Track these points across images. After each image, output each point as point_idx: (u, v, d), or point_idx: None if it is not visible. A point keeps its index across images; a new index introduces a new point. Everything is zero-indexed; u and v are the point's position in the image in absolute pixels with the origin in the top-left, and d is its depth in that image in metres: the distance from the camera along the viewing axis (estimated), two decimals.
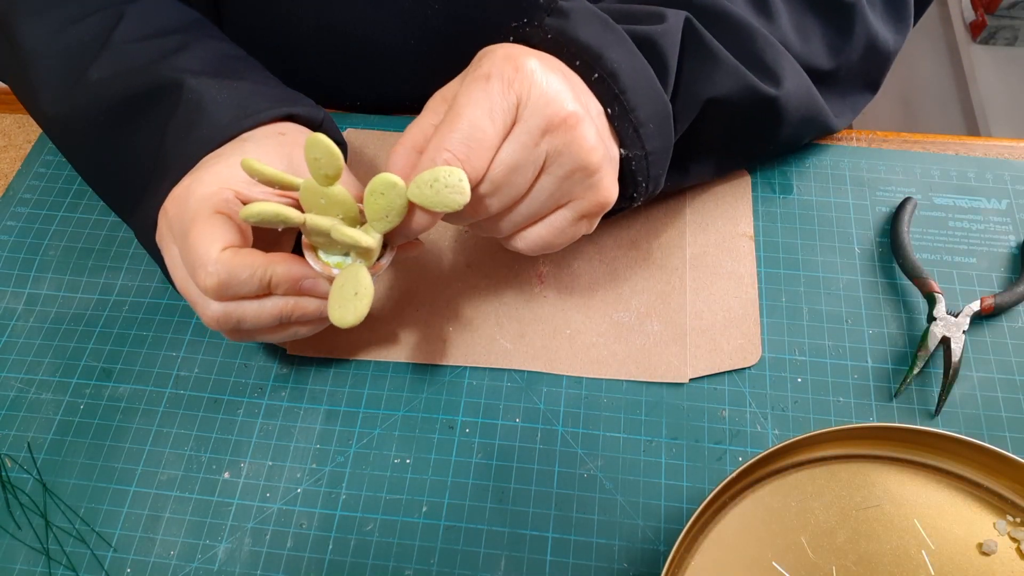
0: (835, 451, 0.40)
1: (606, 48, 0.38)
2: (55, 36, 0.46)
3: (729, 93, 0.43)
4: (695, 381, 0.46)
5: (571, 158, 0.36)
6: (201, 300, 0.38)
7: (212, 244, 0.36)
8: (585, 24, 0.39)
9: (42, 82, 0.46)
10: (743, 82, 0.43)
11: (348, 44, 0.52)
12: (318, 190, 0.36)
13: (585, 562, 0.41)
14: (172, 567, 0.41)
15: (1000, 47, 1.47)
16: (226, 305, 0.38)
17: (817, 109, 0.49)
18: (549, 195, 0.38)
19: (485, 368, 0.46)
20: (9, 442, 0.45)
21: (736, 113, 0.45)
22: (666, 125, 0.40)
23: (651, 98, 0.39)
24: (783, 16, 0.46)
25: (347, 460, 0.44)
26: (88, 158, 0.48)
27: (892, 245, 0.49)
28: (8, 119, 0.59)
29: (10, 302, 0.49)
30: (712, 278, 0.49)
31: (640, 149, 0.40)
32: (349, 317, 0.36)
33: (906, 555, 0.37)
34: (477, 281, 0.49)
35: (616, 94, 0.38)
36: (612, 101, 0.38)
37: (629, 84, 0.38)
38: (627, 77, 0.38)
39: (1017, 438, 0.44)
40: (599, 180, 0.38)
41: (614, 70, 0.38)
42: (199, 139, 0.41)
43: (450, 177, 0.34)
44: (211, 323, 0.39)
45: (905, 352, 0.46)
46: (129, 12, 0.47)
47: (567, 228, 0.39)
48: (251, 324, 0.39)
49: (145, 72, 0.44)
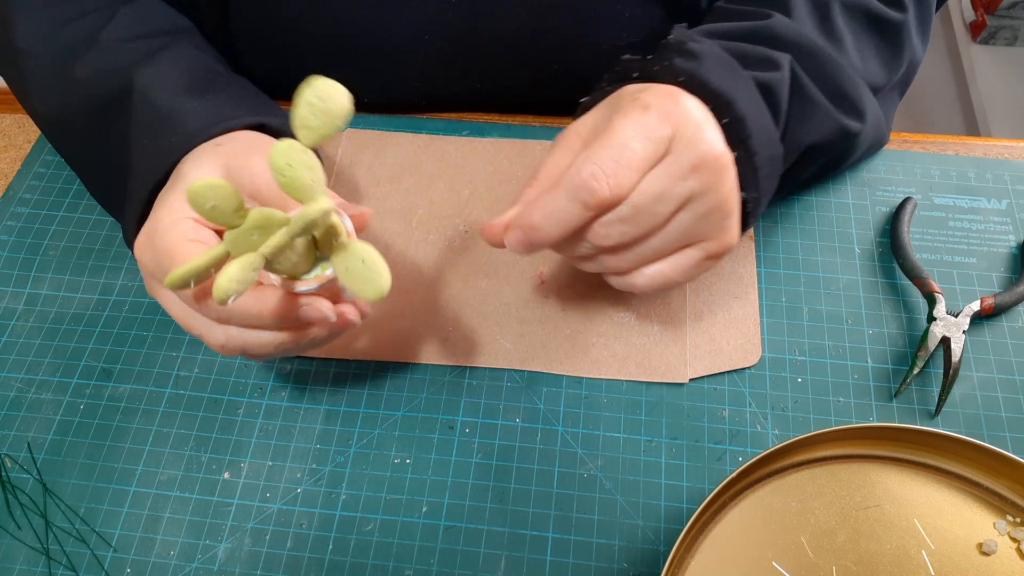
0: (835, 451, 0.40)
1: (735, 93, 0.39)
2: (49, 35, 0.46)
3: (824, 138, 0.44)
4: (695, 381, 0.46)
5: (714, 198, 0.37)
6: (207, 330, 0.37)
7: None
8: (716, 68, 0.39)
9: (34, 80, 0.46)
10: (836, 124, 0.44)
11: (357, 43, 0.52)
12: (242, 233, 0.32)
13: (585, 562, 0.41)
14: (172, 567, 0.41)
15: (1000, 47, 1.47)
16: (228, 331, 0.37)
17: (882, 132, 0.50)
18: (682, 232, 0.38)
19: (485, 368, 0.46)
20: (9, 442, 0.45)
21: (824, 152, 0.45)
22: (777, 169, 0.41)
23: (769, 143, 0.40)
24: (847, 39, 0.47)
25: (347, 460, 0.44)
26: (78, 156, 0.48)
27: (892, 245, 0.49)
28: (8, 119, 0.59)
29: (10, 302, 0.49)
30: (712, 278, 0.49)
31: (756, 191, 0.40)
32: (379, 282, 0.33)
33: (906, 555, 0.37)
34: (477, 281, 0.49)
35: (743, 139, 0.38)
36: (739, 145, 0.39)
37: (754, 129, 0.39)
38: (752, 123, 0.39)
39: (1017, 438, 0.44)
40: (733, 223, 0.38)
41: (743, 115, 0.38)
42: (167, 148, 0.40)
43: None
44: (218, 350, 0.37)
45: (905, 352, 0.46)
46: (121, 12, 0.47)
47: (692, 267, 0.39)
48: (256, 353, 0.37)
49: (120, 74, 0.44)
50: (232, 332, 0.36)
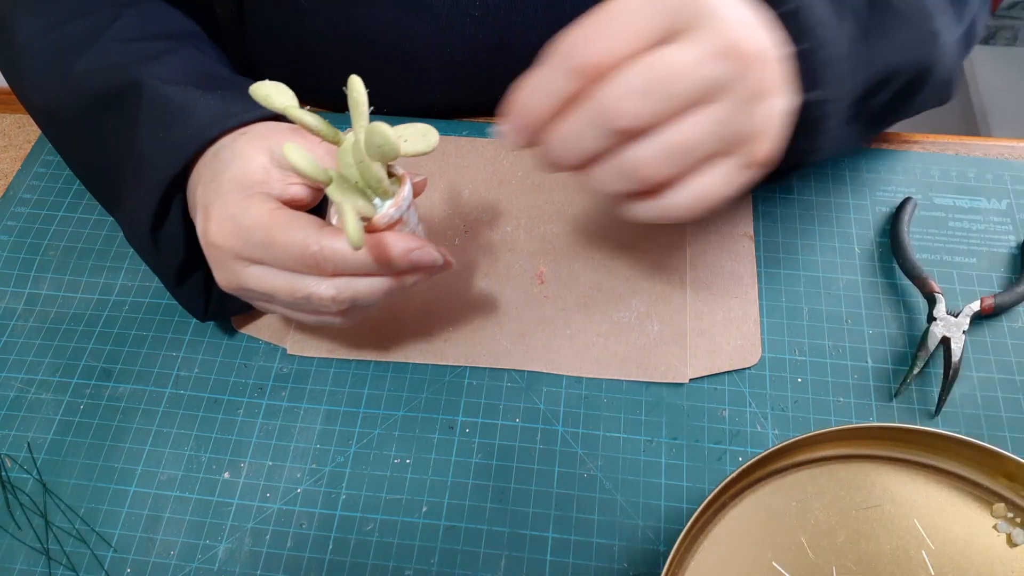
0: (835, 451, 0.40)
1: None
2: (47, 31, 0.46)
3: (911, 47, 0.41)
4: (695, 381, 0.46)
5: (749, 89, 0.32)
6: (315, 286, 0.37)
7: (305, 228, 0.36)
8: None
9: (30, 72, 0.46)
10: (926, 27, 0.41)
11: (379, 53, 0.52)
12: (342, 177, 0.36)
13: (585, 562, 0.41)
14: (172, 567, 0.41)
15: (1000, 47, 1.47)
16: (337, 283, 0.37)
17: (954, 71, 0.47)
18: (713, 130, 0.32)
19: (485, 368, 0.46)
20: (9, 442, 0.45)
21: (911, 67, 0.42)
22: (847, 73, 0.37)
23: (835, 39, 0.36)
24: None
25: (347, 460, 0.44)
26: (72, 148, 0.49)
27: (892, 245, 0.49)
28: (8, 119, 0.59)
29: (10, 302, 0.49)
30: (712, 278, 0.49)
31: (821, 91, 0.36)
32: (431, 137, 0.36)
33: (906, 555, 0.37)
34: (477, 281, 0.49)
35: (805, 29, 0.35)
36: (801, 37, 0.35)
37: (816, 21, 0.35)
38: (813, 14, 0.35)
39: (1017, 438, 0.44)
40: (775, 125, 0.33)
41: (801, 4, 0.35)
42: (182, 140, 0.41)
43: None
44: (328, 303, 0.38)
45: (905, 352, 0.46)
46: (125, 15, 0.47)
47: (730, 180, 0.34)
48: (365, 299, 0.38)
49: (120, 71, 0.44)
50: (341, 283, 0.37)
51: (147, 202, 0.41)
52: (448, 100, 0.41)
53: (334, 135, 0.36)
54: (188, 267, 0.44)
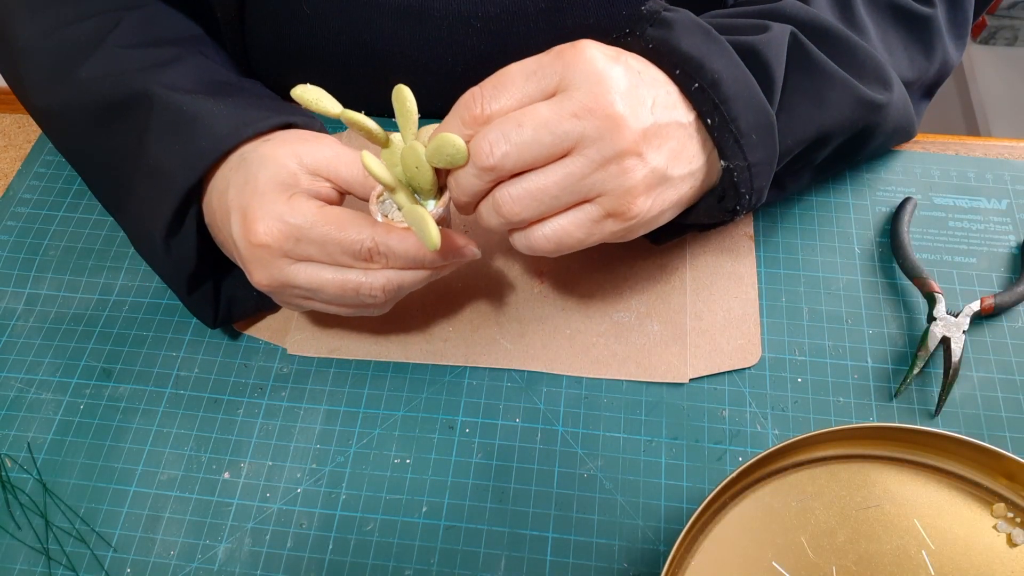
0: (835, 451, 0.40)
1: (707, 58, 0.38)
2: (48, 35, 0.46)
3: (843, 113, 0.42)
4: (695, 381, 0.46)
5: (608, 149, 0.35)
6: (365, 279, 0.39)
7: (360, 225, 0.38)
8: (687, 34, 0.38)
9: (31, 76, 0.46)
10: (855, 95, 0.43)
11: (379, 61, 0.52)
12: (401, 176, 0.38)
13: (585, 562, 0.41)
14: (172, 567, 0.41)
15: (1000, 47, 1.47)
16: (387, 275, 0.39)
17: (910, 119, 0.49)
18: (577, 179, 0.36)
19: (485, 368, 0.46)
20: (9, 442, 0.45)
21: (845, 129, 0.44)
22: (770, 136, 0.39)
23: (754, 108, 0.38)
24: (871, 30, 0.46)
25: (347, 460, 0.44)
26: (76, 151, 0.49)
27: (892, 245, 0.49)
28: (8, 119, 0.59)
29: (10, 302, 0.49)
30: (712, 278, 0.49)
31: (742, 160, 0.38)
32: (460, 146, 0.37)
33: (906, 555, 0.37)
34: (477, 281, 0.49)
35: (716, 104, 0.37)
36: (712, 111, 0.37)
37: (731, 94, 0.37)
38: (729, 87, 0.37)
39: (1017, 438, 0.44)
40: (635, 185, 0.36)
41: (715, 79, 0.37)
42: (197, 151, 0.41)
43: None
44: (377, 292, 0.40)
45: (905, 352, 0.46)
46: (127, 19, 0.47)
47: (592, 225, 0.37)
48: (409, 288, 0.41)
49: (128, 78, 0.44)
50: (391, 275, 0.40)
51: (162, 212, 0.41)
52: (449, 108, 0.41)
53: (386, 138, 0.38)
54: (199, 276, 0.44)
